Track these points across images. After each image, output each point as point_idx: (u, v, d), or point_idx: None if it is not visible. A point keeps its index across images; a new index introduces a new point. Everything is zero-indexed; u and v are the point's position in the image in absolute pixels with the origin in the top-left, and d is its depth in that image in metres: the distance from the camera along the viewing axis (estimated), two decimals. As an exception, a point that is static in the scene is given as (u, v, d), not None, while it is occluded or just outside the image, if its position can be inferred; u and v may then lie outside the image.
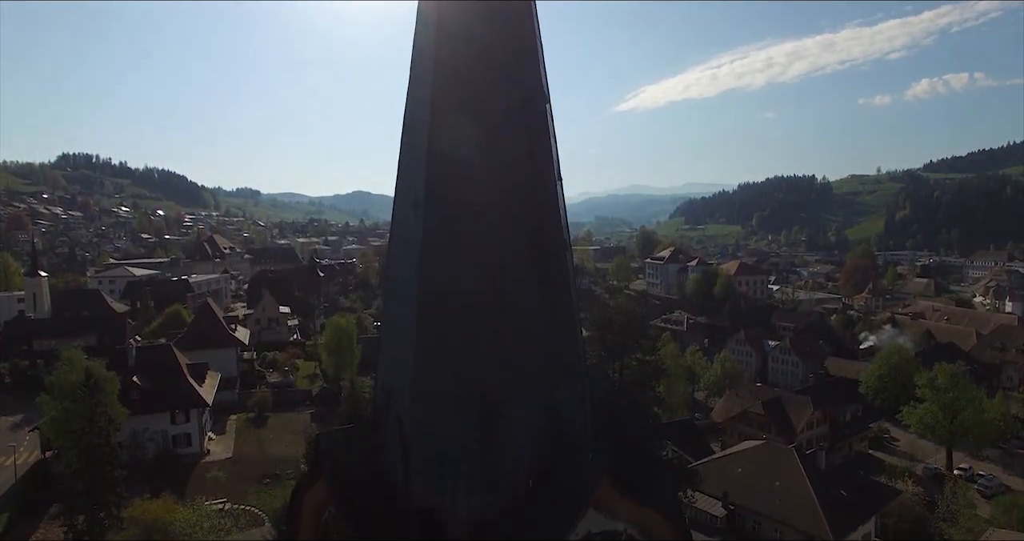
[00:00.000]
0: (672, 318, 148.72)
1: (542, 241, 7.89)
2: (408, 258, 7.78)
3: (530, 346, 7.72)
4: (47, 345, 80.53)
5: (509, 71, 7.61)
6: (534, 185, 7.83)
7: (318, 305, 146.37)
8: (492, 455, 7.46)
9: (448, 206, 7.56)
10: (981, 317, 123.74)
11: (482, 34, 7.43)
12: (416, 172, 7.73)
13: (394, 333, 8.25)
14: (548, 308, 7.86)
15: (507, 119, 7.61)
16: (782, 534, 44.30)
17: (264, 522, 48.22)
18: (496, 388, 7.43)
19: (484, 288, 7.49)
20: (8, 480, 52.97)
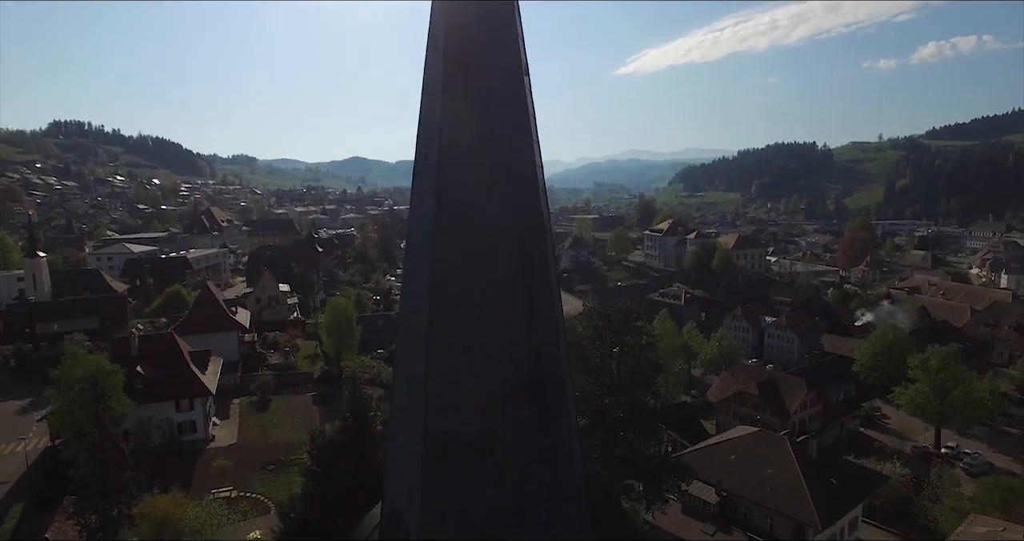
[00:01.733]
0: (670, 292, 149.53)
1: (540, 371, 8.21)
2: (415, 404, 8.07)
3: (529, 479, 8.08)
4: (49, 328, 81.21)
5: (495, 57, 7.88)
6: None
7: (317, 281, 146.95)
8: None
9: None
10: (976, 293, 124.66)
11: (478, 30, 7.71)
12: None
13: (402, 455, 8.57)
14: (548, 442, 8.20)
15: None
16: (773, 521, 45.70)
17: (270, 510, 49.60)
18: (498, 518, 7.86)
19: (483, 429, 7.85)
20: (20, 467, 54.23)
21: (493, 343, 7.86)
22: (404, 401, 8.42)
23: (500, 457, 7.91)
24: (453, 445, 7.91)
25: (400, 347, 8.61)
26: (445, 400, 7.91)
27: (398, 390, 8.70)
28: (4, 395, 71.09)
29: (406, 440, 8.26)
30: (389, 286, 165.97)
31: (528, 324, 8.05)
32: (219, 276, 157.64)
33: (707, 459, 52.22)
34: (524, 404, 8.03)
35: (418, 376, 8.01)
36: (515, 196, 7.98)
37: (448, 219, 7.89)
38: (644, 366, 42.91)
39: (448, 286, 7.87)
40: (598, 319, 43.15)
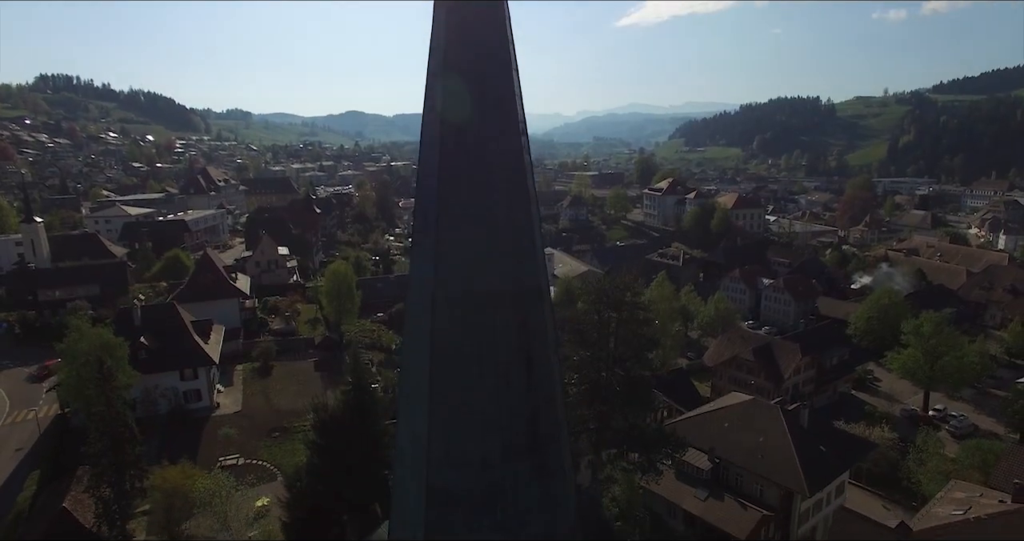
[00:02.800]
0: (668, 252, 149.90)
1: (537, 428, 8.55)
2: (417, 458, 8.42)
3: (529, 524, 8.53)
4: (51, 295, 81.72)
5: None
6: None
7: (316, 242, 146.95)
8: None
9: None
10: (973, 255, 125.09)
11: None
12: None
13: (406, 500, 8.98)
14: (546, 492, 8.61)
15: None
16: (763, 487, 47.25)
17: (276, 477, 51.25)
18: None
19: (484, 483, 8.25)
20: (33, 434, 55.73)
21: (492, 404, 8.16)
22: (407, 453, 8.77)
23: (500, 508, 8.34)
24: (455, 498, 8.31)
25: (402, 402, 8.93)
26: (446, 457, 8.27)
27: (401, 441, 9.06)
28: (13, 362, 72.20)
29: (410, 489, 8.65)
30: (388, 246, 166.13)
31: (525, 384, 8.33)
32: (217, 238, 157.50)
33: (701, 426, 53.57)
34: (522, 458, 8.40)
35: (420, 434, 8.34)
36: (514, 263, 8.14)
37: (447, 284, 8.06)
38: (640, 341, 43.54)
39: (448, 349, 8.11)
40: (596, 294, 43.50)
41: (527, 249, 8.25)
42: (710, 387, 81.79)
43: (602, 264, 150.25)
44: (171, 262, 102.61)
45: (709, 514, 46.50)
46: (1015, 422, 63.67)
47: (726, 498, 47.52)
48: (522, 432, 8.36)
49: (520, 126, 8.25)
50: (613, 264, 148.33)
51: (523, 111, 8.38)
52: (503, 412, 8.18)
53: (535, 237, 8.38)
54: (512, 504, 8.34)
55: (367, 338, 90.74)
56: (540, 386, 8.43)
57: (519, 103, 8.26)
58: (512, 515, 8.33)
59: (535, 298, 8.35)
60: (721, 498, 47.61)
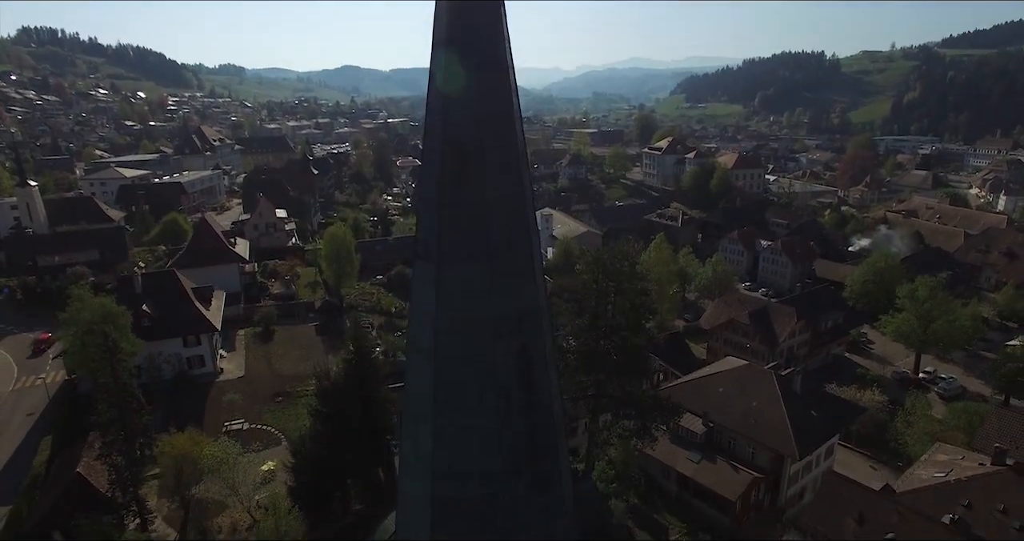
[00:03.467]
0: (667, 213, 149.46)
1: (536, 442, 8.95)
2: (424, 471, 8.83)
3: (529, 529, 9.03)
4: (51, 261, 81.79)
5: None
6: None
7: (314, 203, 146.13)
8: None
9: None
10: (971, 217, 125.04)
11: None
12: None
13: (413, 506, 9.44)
14: (544, 500, 9.08)
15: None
16: (755, 450, 48.64)
17: (281, 441, 52.57)
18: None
19: (486, 494, 8.70)
20: (42, 399, 56.90)
21: (493, 424, 8.52)
22: (413, 465, 9.18)
23: (501, 517, 8.80)
24: (458, 507, 8.77)
25: (408, 419, 9.28)
26: (450, 470, 8.68)
27: (407, 453, 9.46)
28: (17, 327, 72.88)
29: (416, 497, 9.09)
30: (386, 207, 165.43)
31: (525, 404, 8.67)
32: (214, 199, 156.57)
33: (696, 391, 54.70)
34: (522, 472, 8.82)
35: (425, 449, 8.73)
36: (514, 289, 8.35)
37: (449, 313, 8.30)
38: (637, 310, 44.01)
39: (450, 374, 8.41)
40: (594, 263, 43.74)
41: (526, 273, 8.45)
42: (706, 349, 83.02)
43: (601, 225, 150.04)
44: (169, 226, 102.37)
45: (702, 476, 48.01)
46: (1002, 384, 64.95)
47: (719, 461, 48.97)
48: (522, 447, 8.75)
49: (521, 151, 8.34)
50: (612, 225, 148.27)
51: (523, 135, 8.44)
52: (504, 430, 8.54)
53: (535, 261, 8.57)
54: (512, 513, 8.80)
55: (367, 301, 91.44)
56: (539, 405, 8.77)
57: (519, 128, 8.32)
58: (512, 523, 8.80)
59: (534, 321, 8.60)
60: (714, 461, 49.06)
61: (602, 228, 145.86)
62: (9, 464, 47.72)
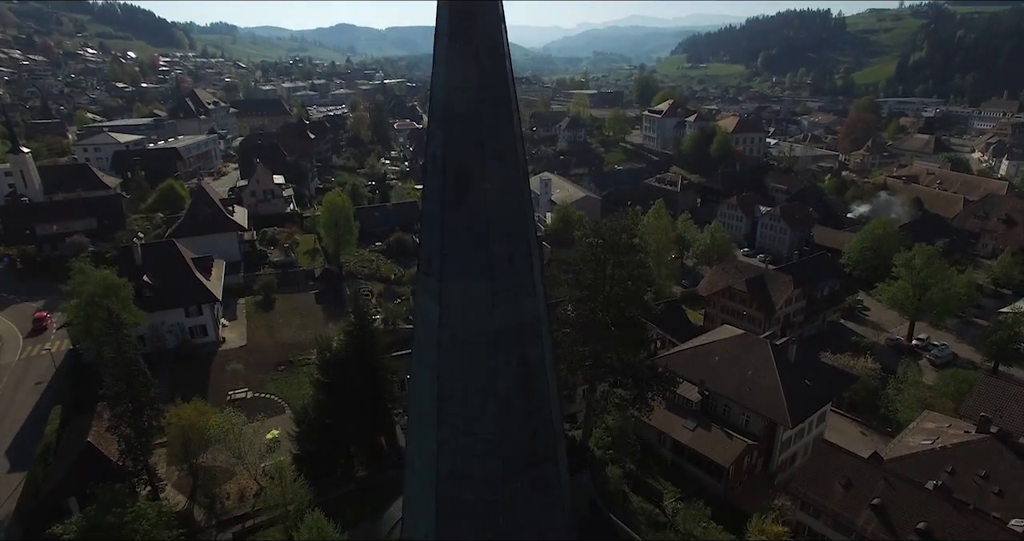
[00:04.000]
0: (666, 178, 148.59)
1: (535, 446, 9.38)
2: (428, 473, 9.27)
3: (528, 528, 9.55)
4: (49, 229, 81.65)
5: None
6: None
7: (311, 168, 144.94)
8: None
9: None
10: (972, 183, 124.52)
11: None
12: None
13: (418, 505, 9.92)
14: (543, 500, 9.56)
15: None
16: (748, 418, 49.80)
17: (284, 409, 53.64)
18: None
19: (487, 496, 9.16)
20: (49, 368, 57.75)
21: (494, 431, 8.91)
22: (418, 467, 9.61)
23: (503, 516, 9.28)
24: (462, 507, 9.24)
25: (413, 424, 9.66)
26: (454, 473, 9.11)
27: (412, 455, 9.88)
28: (19, 296, 73.21)
29: (422, 497, 9.56)
30: (384, 171, 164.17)
31: (525, 412, 9.04)
32: (210, 164, 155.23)
33: (692, 360, 55.64)
34: (522, 474, 9.26)
35: (430, 453, 9.14)
36: (514, 303, 8.61)
37: (452, 326, 8.58)
38: (636, 283, 44.38)
39: (453, 384, 8.75)
40: (593, 236, 43.89)
41: (527, 287, 8.70)
42: (703, 316, 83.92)
43: (599, 189, 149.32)
44: (166, 193, 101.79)
45: (697, 443, 49.23)
46: (992, 352, 66.05)
47: (713, 428, 50.12)
48: (522, 452, 9.17)
49: (522, 170, 8.49)
50: (611, 189, 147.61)
51: (524, 152, 8.58)
52: (505, 437, 8.94)
53: (535, 274, 8.81)
54: (513, 513, 9.28)
55: (366, 269, 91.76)
56: (538, 412, 9.15)
57: (520, 148, 8.45)
58: (513, 522, 9.29)
59: (535, 332, 8.89)
60: (708, 428, 50.22)
61: (601, 193, 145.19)
62: (22, 432, 48.84)
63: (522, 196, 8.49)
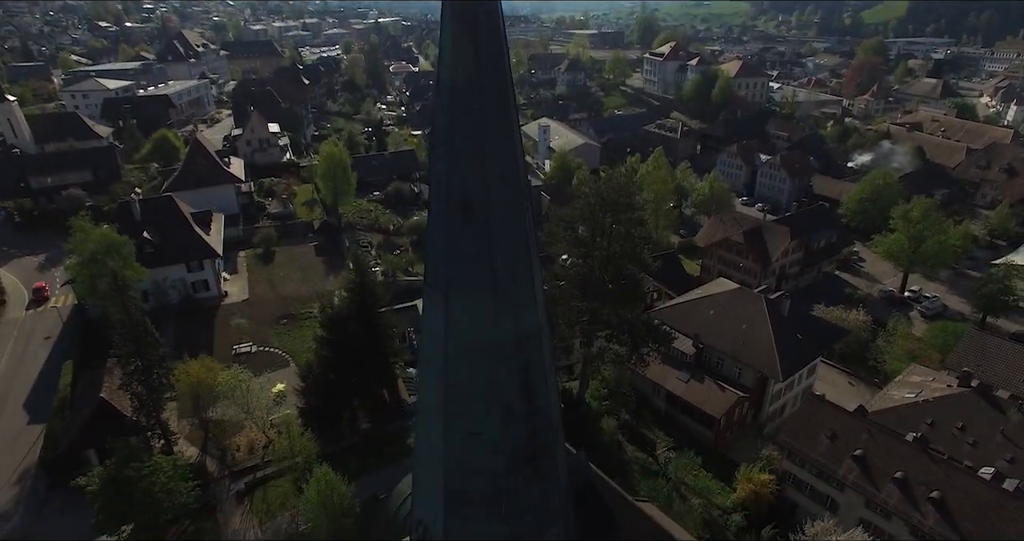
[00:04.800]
0: (667, 124, 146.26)
1: (535, 443, 10.13)
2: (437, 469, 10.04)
3: (526, 514, 10.43)
4: (44, 182, 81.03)
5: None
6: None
7: (306, 115, 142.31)
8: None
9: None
10: (976, 131, 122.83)
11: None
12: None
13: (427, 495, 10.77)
14: (541, 490, 10.41)
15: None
16: (740, 371, 51.28)
17: (289, 363, 55.02)
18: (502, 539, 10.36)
19: (491, 488, 9.98)
20: (57, 323, 58.82)
21: (497, 431, 9.61)
22: (427, 461, 10.37)
23: (505, 505, 10.13)
24: (468, 498, 10.07)
25: (422, 422, 10.36)
26: (460, 468, 9.89)
27: (422, 450, 10.63)
28: (20, 250, 73.53)
29: (431, 487, 10.38)
30: (381, 117, 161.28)
31: (526, 413, 9.72)
32: (203, 110, 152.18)
33: (688, 313, 56.71)
34: (523, 468, 10.05)
35: (438, 450, 9.89)
36: (515, 315, 9.14)
37: (457, 337, 9.12)
38: (634, 240, 44.78)
39: (459, 391, 9.37)
40: (592, 196, 43.98)
41: (528, 302, 9.21)
42: (700, 266, 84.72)
43: (599, 136, 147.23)
44: (160, 143, 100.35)
45: (690, 395, 50.85)
46: (981, 304, 67.23)
47: (706, 380, 51.65)
48: (522, 449, 9.91)
49: (524, 192, 8.84)
50: (610, 136, 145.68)
51: (527, 180, 8.90)
52: (507, 436, 9.65)
53: (536, 289, 9.30)
54: (514, 501, 10.12)
55: (365, 219, 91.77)
56: (538, 413, 9.83)
57: (522, 172, 8.76)
58: (514, 509, 10.15)
59: (535, 342, 9.46)
60: (702, 380, 51.76)
61: (600, 139, 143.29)
62: (36, 386, 50.35)
63: (523, 218, 8.85)
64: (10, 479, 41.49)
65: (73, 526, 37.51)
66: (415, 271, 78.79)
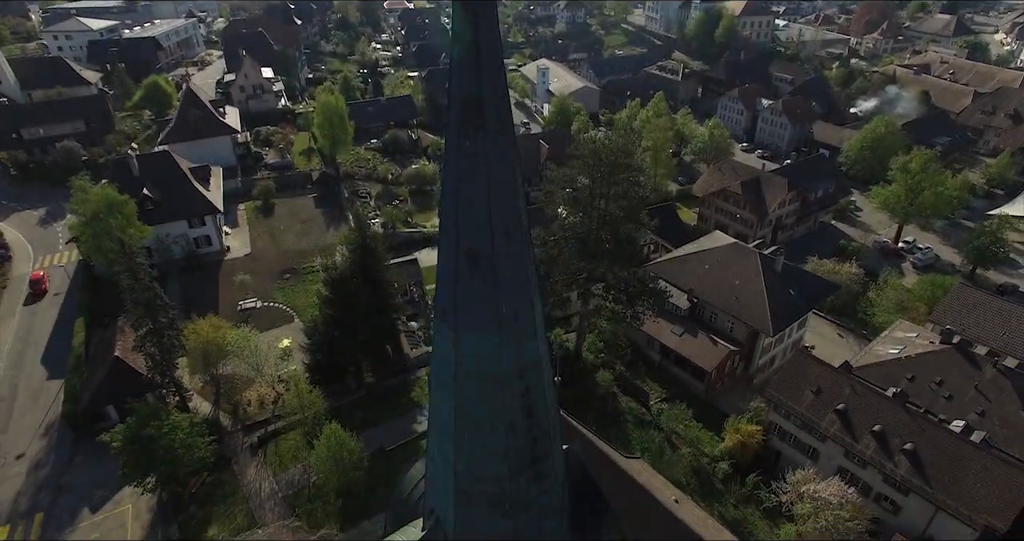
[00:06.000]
0: (668, 66, 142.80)
1: (536, 451, 11.38)
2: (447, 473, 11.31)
3: (528, 509, 11.82)
4: (36, 133, 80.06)
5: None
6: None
7: (299, 57, 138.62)
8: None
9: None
10: (986, 73, 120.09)
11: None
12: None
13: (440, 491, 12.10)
14: (541, 488, 11.75)
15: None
16: (733, 325, 52.89)
17: (293, 318, 56.50)
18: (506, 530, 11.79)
19: (495, 489, 11.30)
20: (64, 280, 60.00)
21: (501, 444, 10.80)
22: (439, 465, 11.64)
23: (508, 500, 11.46)
24: (476, 497, 11.42)
25: (433, 433, 11.57)
26: (468, 474, 11.15)
27: (433, 454, 11.86)
28: (20, 204, 73.70)
29: (443, 487, 11.71)
30: (376, 58, 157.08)
31: (527, 428, 10.87)
32: (192, 52, 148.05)
33: (683, 267, 57.84)
34: (524, 471, 11.32)
35: (448, 458, 11.13)
36: (517, 346, 10.14)
37: (464, 366, 10.15)
38: (632, 202, 45.27)
39: (467, 413, 10.49)
40: (591, 157, 44.09)
41: (529, 332, 10.19)
42: (697, 215, 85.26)
43: (598, 78, 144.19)
44: (151, 90, 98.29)
45: (683, 348, 52.67)
46: (972, 256, 68.33)
47: (699, 334, 53.37)
48: (524, 457, 11.14)
49: (527, 241, 9.69)
50: (610, 78, 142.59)
51: (528, 228, 9.69)
52: (510, 449, 10.86)
53: (536, 320, 10.26)
54: (516, 499, 11.46)
55: (363, 168, 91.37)
56: (538, 427, 11.01)
57: (525, 222, 9.56)
58: (516, 506, 11.50)
59: (536, 369, 10.54)
60: (695, 334, 53.46)
61: (599, 82, 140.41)
62: (51, 342, 52.07)
63: (525, 263, 9.65)
64: (38, 431, 43.77)
65: (100, 475, 40.01)
66: (415, 222, 79.38)
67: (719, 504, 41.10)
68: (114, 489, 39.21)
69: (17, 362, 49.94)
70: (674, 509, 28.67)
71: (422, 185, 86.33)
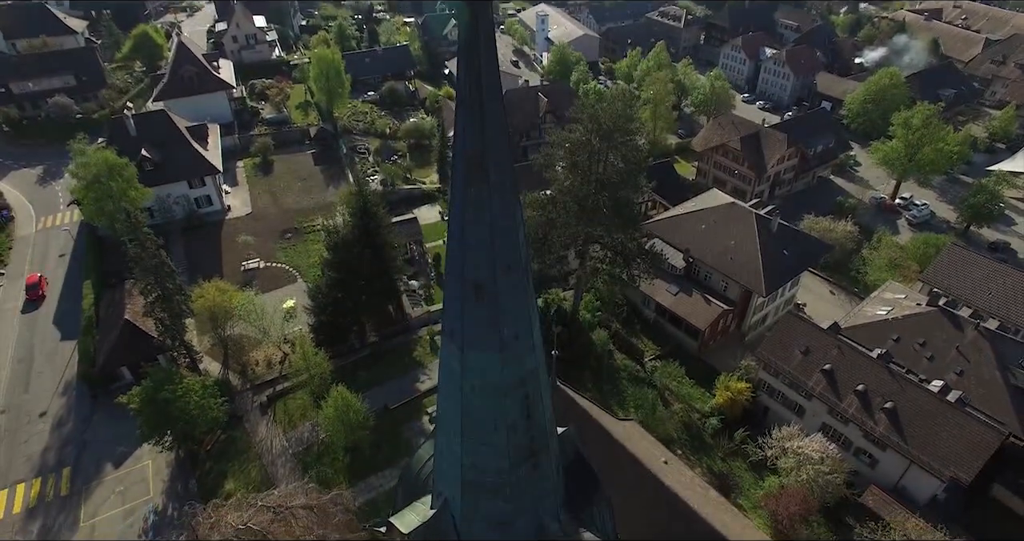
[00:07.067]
0: (669, 11, 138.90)
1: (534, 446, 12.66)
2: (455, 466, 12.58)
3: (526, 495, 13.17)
4: (26, 88, 78.71)
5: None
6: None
7: (293, 3, 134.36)
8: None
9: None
10: (1000, 19, 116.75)
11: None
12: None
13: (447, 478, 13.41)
14: (538, 476, 13.07)
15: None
16: (727, 285, 54.02)
17: (296, 278, 57.54)
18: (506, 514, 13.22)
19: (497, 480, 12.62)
20: (68, 241, 60.68)
21: (503, 442, 12.00)
22: (448, 458, 12.90)
23: (509, 488, 12.80)
24: (479, 487, 12.78)
25: (441, 431, 12.80)
26: (473, 466, 12.44)
27: (443, 449, 13.11)
28: (16, 162, 73.43)
29: (451, 477, 13.02)
30: (371, 4, 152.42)
31: (526, 428, 12.07)
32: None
33: (680, 226, 58.54)
34: (523, 464, 12.61)
35: (456, 453, 12.41)
36: (517, 360, 11.21)
37: (471, 378, 11.28)
38: (631, 166, 45.48)
39: (472, 417, 11.67)
40: (589, 123, 43.99)
41: (528, 349, 11.26)
42: (695, 170, 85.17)
43: (599, 25, 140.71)
44: (141, 40, 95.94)
45: (678, 307, 54.00)
46: (967, 214, 68.88)
47: (694, 293, 54.61)
48: (523, 451, 12.39)
49: (527, 274, 10.62)
50: (610, 25, 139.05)
51: (529, 262, 10.56)
52: (511, 445, 12.09)
53: (535, 338, 11.33)
54: (516, 487, 12.79)
55: (360, 123, 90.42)
56: (536, 426, 12.22)
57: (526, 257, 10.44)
58: (516, 493, 12.83)
59: (534, 378, 11.69)
60: (690, 293, 54.70)
61: (600, 29, 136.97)
62: (61, 302, 53.30)
63: (526, 292, 10.58)
64: (57, 390, 45.59)
65: (120, 432, 42.00)
66: (414, 179, 79.31)
67: (708, 458, 43.35)
68: (134, 445, 41.25)
69: (30, 323, 51.36)
70: (662, 474, 30.47)
71: (420, 139, 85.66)
